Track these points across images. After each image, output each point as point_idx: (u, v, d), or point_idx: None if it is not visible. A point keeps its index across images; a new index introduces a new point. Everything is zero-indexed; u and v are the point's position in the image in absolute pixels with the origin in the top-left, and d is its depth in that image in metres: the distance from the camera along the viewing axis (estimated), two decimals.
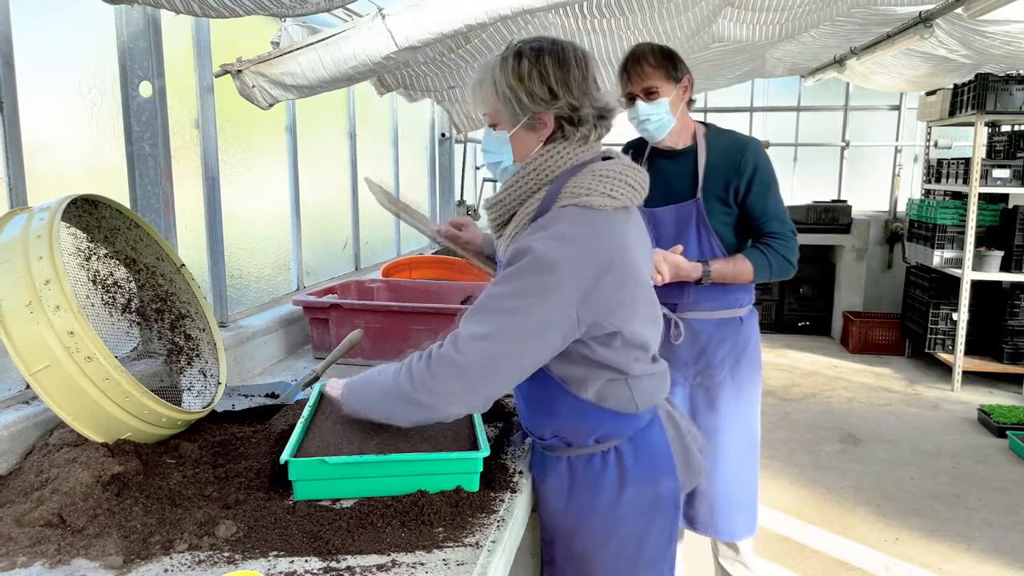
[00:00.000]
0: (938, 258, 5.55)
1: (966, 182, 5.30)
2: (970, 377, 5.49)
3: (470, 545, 1.22)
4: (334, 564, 1.15)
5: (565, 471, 1.49)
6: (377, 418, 1.43)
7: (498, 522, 1.30)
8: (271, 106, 2.01)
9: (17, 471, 1.42)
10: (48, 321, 1.31)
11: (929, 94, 5.86)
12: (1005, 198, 5.72)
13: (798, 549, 3.21)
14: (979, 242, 5.37)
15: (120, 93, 2.00)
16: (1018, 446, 4.17)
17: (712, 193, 2.17)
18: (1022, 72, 5.16)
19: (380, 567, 1.14)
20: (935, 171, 6.01)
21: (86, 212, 1.65)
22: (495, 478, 1.45)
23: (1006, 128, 5.68)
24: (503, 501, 1.38)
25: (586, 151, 1.40)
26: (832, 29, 4.38)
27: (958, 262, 5.40)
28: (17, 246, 1.35)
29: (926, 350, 5.72)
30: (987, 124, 5.46)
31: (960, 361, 5.37)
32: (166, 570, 1.14)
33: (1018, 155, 5.48)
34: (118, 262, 1.74)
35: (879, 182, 7.41)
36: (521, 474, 1.51)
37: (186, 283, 1.80)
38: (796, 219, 2.23)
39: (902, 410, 4.98)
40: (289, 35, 2.16)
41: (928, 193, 6.21)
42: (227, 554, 1.18)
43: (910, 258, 6.19)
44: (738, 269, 2.16)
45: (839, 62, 5.44)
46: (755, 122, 7.58)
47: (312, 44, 1.90)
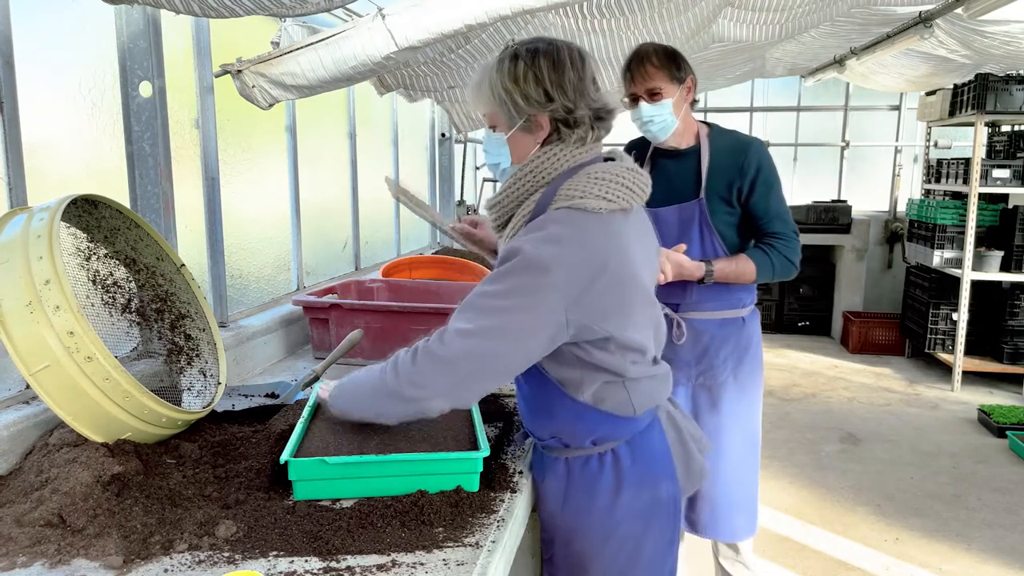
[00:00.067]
0: (938, 258, 5.55)
1: (966, 182, 5.30)
2: (970, 377, 5.49)
3: (470, 545, 1.22)
4: (334, 564, 1.15)
5: (563, 472, 1.49)
6: (363, 415, 1.43)
7: (498, 522, 1.30)
8: (271, 106, 2.01)
9: (17, 471, 1.42)
10: (48, 321, 1.31)
11: (929, 94, 5.86)
12: (1005, 198, 5.72)
13: (798, 549, 3.20)
14: (979, 242, 5.37)
15: (120, 93, 2.00)
16: (1018, 446, 4.18)
17: (715, 193, 2.16)
18: (1022, 72, 5.16)
19: (380, 567, 1.14)
20: (935, 171, 6.01)
21: (86, 212, 1.65)
22: (495, 478, 1.45)
23: (1006, 128, 5.68)
24: (503, 501, 1.38)
25: (584, 153, 1.39)
26: (832, 29, 4.38)
27: (958, 262, 5.40)
28: (17, 246, 1.35)
29: (926, 350, 5.72)
30: (987, 124, 5.46)
31: (960, 361, 5.37)
32: (166, 570, 1.14)
33: (1018, 155, 5.48)
34: (118, 262, 1.74)
35: (879, 182, 7.41)
36: (521, 474, 1.51)
37: (186, 283, 1.80)
38: (796, 219, 2.23)
39: (902, 410, 4.98)
40: (289, 35, 2.16)
41: (928, 193, 6.21)
42: (227, 554, 1.18)
43: (910, 258, 6.18)
44: (741, 269, 2.16)
45: (839, 62, 5.44)
46: (755, 122, 7.57)
47: (312, 44, 1.90)
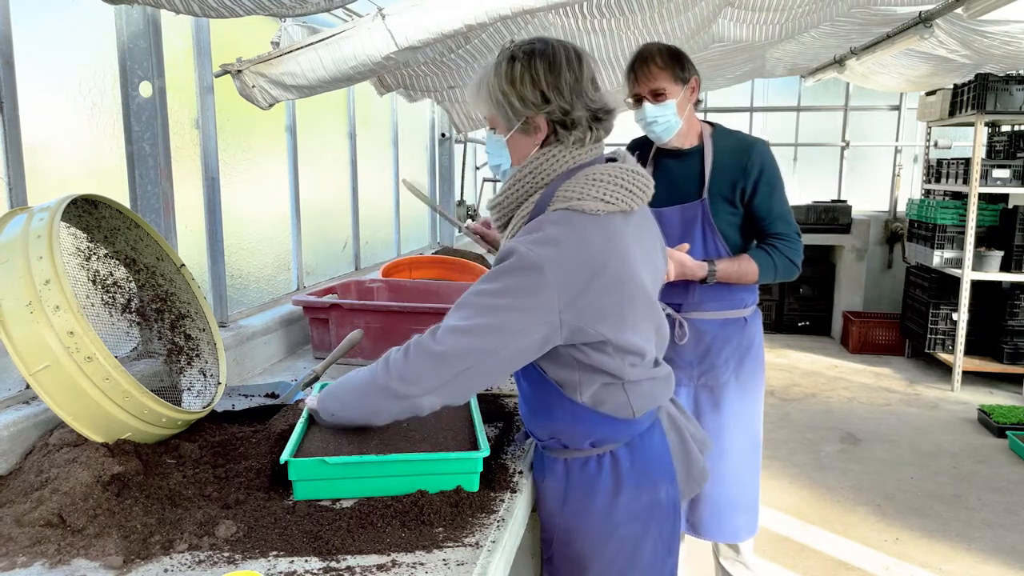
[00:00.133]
0: (938, 258, 5.55)
1: (966, 182, 5.30)
2: (970, 377, 5.49)
3: (470, 545, 1.22)
4: (334, 564, 1.15)
5: (562, 473, 1.49)
6: (353, 417, 1.43)
7: (498, 522, 1.30)
8: (271, 106, 2.01)
9: (17, 471, 1.42)
10: (48, 321, 1.31)
11: (929, 94, 5.86)
12: (1005, 198, 5.73)
13: (798, 549, 3.21)
14: (979, 242, 5.37)
15: (120, 93, 2.00)
16: (1018, 446, 4.18)
17: (718, 193, 2.16)
18: (1022, 72, 5.16)
19: (380, 567, 1.14)
20: (935, 171, 6.01)
21: (86, 212, 1.65)
22: (495, 478, 1.45)
23: (1006, 128, 5.68)
24: (503, 501, 1.38)
25: (584, 154, 1.39)
26: (832, 29, 4.38)
27: (958, 262, 5.40)
28: (17, 246, 1.35)
29: (926, 350, 5.72)
30: (987, 124, 5.46)
31: (960, 361, 5.37)
32: (166, 570, 1.14)
33: (1018, 155, 5.48)
34: (118, 262, 1.74)
35: (879, 182, 7.41)
36: (521, 474, 1.51)
37: (186, 283, 1.80)
38: (796, 219, 2.23)
39: (902, 410, 4.98)
40: (289, 35, 2.16)
41: (928, 193, 6.21)
42: (227, 554, 1.18)
43: (910, 258, 6.18)
44: (743, 269, 2.16)
45: (839, 62, 5.44)
46: (755, 122, 7.58)
47: (312, 44, 1.90)
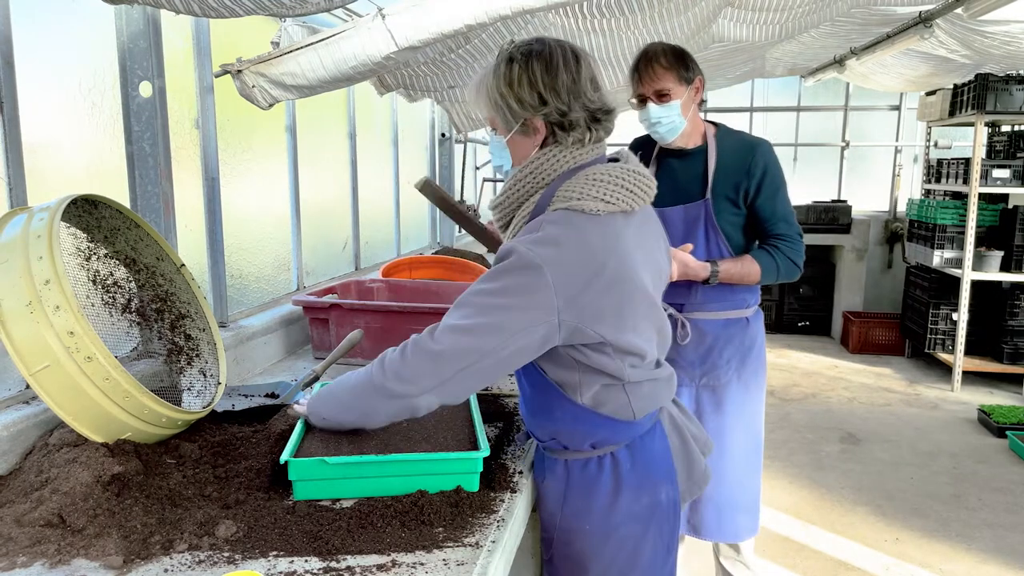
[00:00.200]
0: (938, 258, 5.55)
1: (966, 182, 5.30)
2: (970, 377, 5.49)
3: (470, 545, 1.22)
4: (334, 564, 1.15)
5: (562, 474, 1.49)
6: (347, 419, 1.43)
7: (498, 522, 1.30)
8: (271, 106, 2.01)
9: (17, 471, 1.42)
10: (48, 321, 1.31)
11: (929, 94, 5.86)
12: (1005, 198, 5.73)
13: (798, 549, 3.21)
14: (979, 242, 5.37)
15: (120, 93, 2.00)
16: (1018, 446, 4.18)
17: (721, 194, 2.16)
18: (1022, 72, 5.16)
19: (380, 567, 1.14)
20: (935, 171, 6.01)
21: (86, 212, 1.65)
22: (495, 478, 1.45)
23: (1006, 128, 5.68)
24: (503, 501, 1.38)
25: (584, 154, 1.39)
26: (832, 29, 4.38)
27: (958, 262, 5.40)
28: (17, 246, 1.35)
29: (926, 350, 5.72)
30: (987, 124, 5.46)
31: (960, 361, 5.37)
32: (166, 570, 1.14)
33: (1018, 155, 5.48)
34: (118, 262, 1.74)
35: (879, 182, 7.41)
36: (521, 474, 1.51)
37: (186, 283, 1.80)
38: (796, 219, 2.24)
39: (902, 410, 4.98)
40: (289, 35, 2.16)
41: (928, 193, 6.21)
42: (227, 554, 1.18)
43: (910, 258, 6.18)
44: (746, 270, 2.16)
45: (839, 62, 5.44)
46: (755, 122, 7.58)
47: (312, 44, 1.90)
